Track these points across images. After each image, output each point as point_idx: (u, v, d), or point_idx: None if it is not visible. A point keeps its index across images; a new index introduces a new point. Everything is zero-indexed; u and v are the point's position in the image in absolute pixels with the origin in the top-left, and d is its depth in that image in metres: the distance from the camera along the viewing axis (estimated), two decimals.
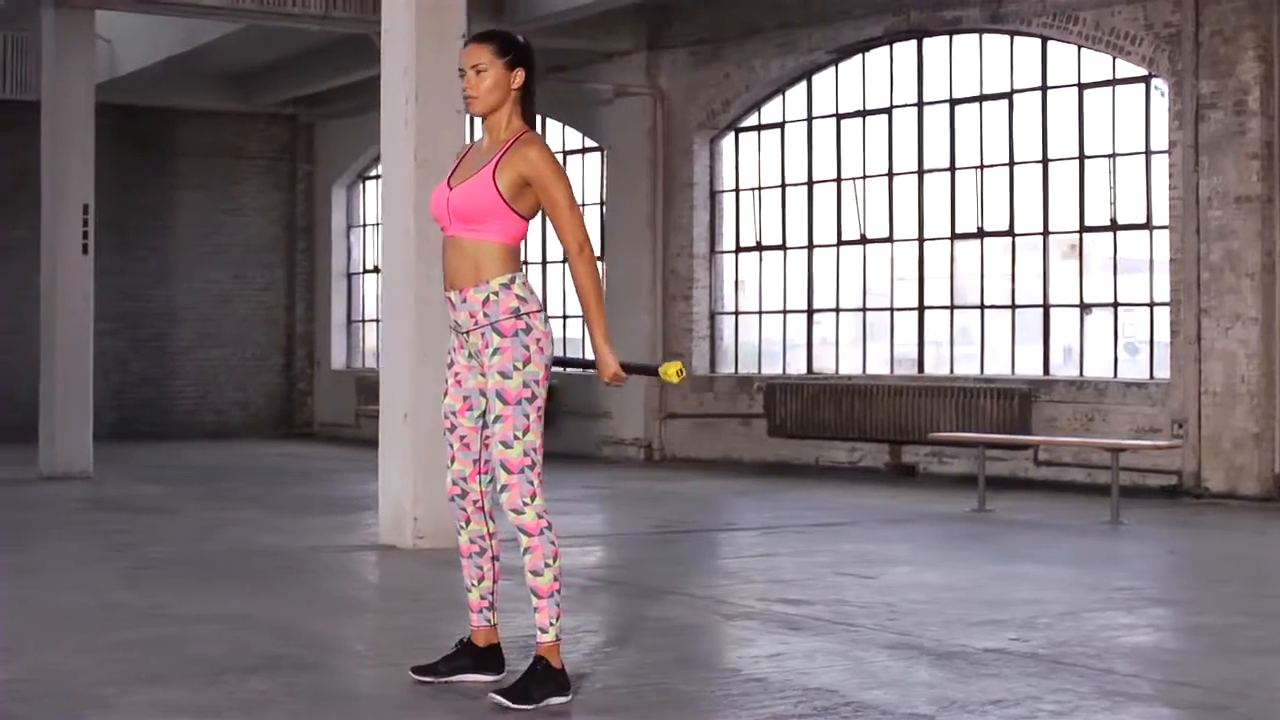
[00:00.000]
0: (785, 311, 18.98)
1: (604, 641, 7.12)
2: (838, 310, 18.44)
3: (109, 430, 21.61)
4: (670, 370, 6.03)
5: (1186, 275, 14.58)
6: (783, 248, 18.99)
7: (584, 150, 21.07)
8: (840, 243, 18.30)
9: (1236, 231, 14.15)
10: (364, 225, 25.51)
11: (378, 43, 17.85)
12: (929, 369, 17.38)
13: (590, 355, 6.02)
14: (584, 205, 21.07)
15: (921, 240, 17.40)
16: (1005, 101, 16.58)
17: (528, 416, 5.87)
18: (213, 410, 24.87)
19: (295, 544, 11.08)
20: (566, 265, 18.63)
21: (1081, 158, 15.85)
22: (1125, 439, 14.54)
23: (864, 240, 18.03)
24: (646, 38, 19.84)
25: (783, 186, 18.94)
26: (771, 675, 6.36)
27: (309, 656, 6.90)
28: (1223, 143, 14.22)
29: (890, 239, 17.71)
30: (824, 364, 18.62)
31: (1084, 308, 15.97)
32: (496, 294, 5.89)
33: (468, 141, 6.45)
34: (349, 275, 25.60)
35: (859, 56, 18.04)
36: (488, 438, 6.03)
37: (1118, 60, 15.43)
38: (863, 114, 18.02)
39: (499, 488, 5.91)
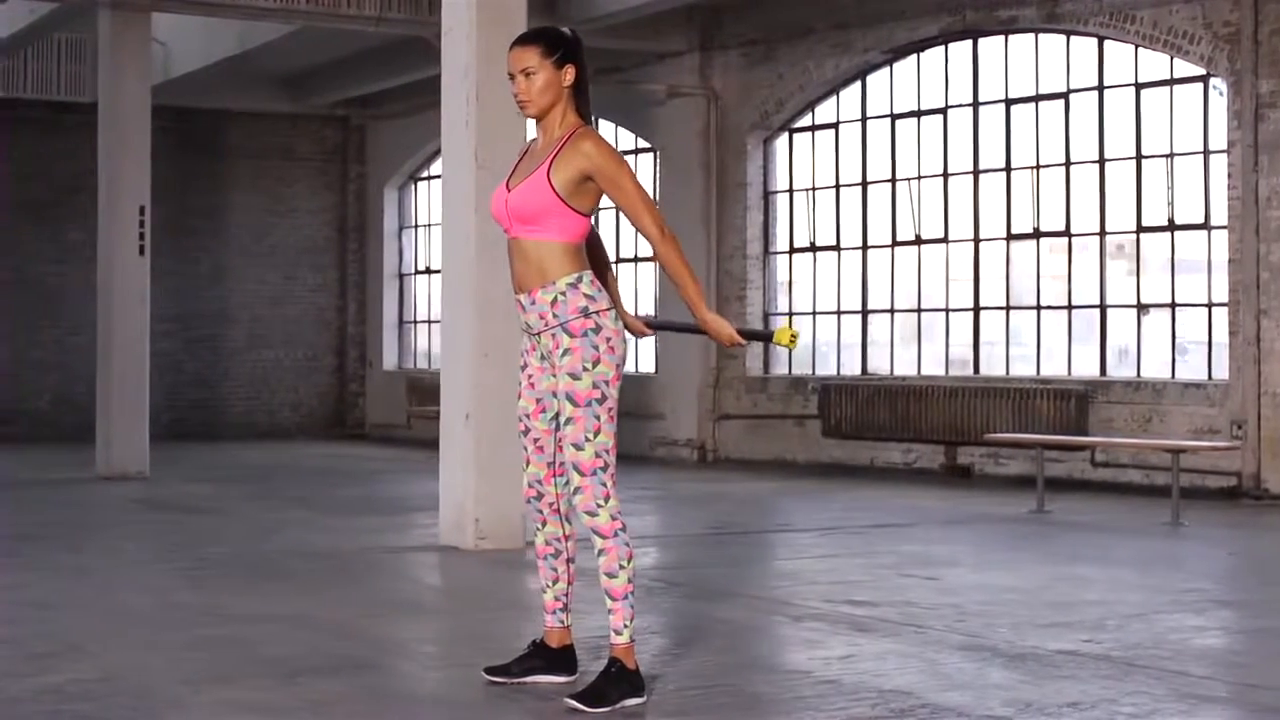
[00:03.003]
0: (839, 312, 18.92)
1: (671, 643, 7.10)
2: (892, 311, 18.39)
3: (163, 431, 21.71)
4: (784, 335, 6.03)
5: (1245, 276, 14.48)
6: (837, 248, 18.94)
7: (636, 151, 21.04)
8: (895, 243, 18.24)
9: None
10: (415, 226, 25.57)
11: (434, 44, 17.98)
12: (984, 370, 17.31)
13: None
14: None
15: (977, 241, 17.33)
16: (1061, 101, 16.49)
17: (598, 418, 5.85)
18: (265, 411, 24.95)
19: (353, 545, 11.09)
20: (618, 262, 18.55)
21: (1139, 158, 15.75)
22: (1183, 440, 14.45)
23: (919, 241, 17.96)
24: (699, 38, 19.81)
25: (837, 187, 18.89)
26: (844, 677, 6.33)
27: (377, 657, 6.91)
28: None
29: (945, 239, 17.65)
30: (878, 365, 18.56)
31: (1141, 308, 15.87)
32: (564, 294, 5.88)
33: (525, 142, 6.39)
34: (400, 276, 25.65)
35: (914, 57, 17.98)
36: (561, 440, 6.02)
37: (1175, 60, 15.34)
38: (918, 114, 17.96)
39: (572, 490, 5.90)
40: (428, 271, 25.23)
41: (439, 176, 24.46)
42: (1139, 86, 15.76)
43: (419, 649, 7.26)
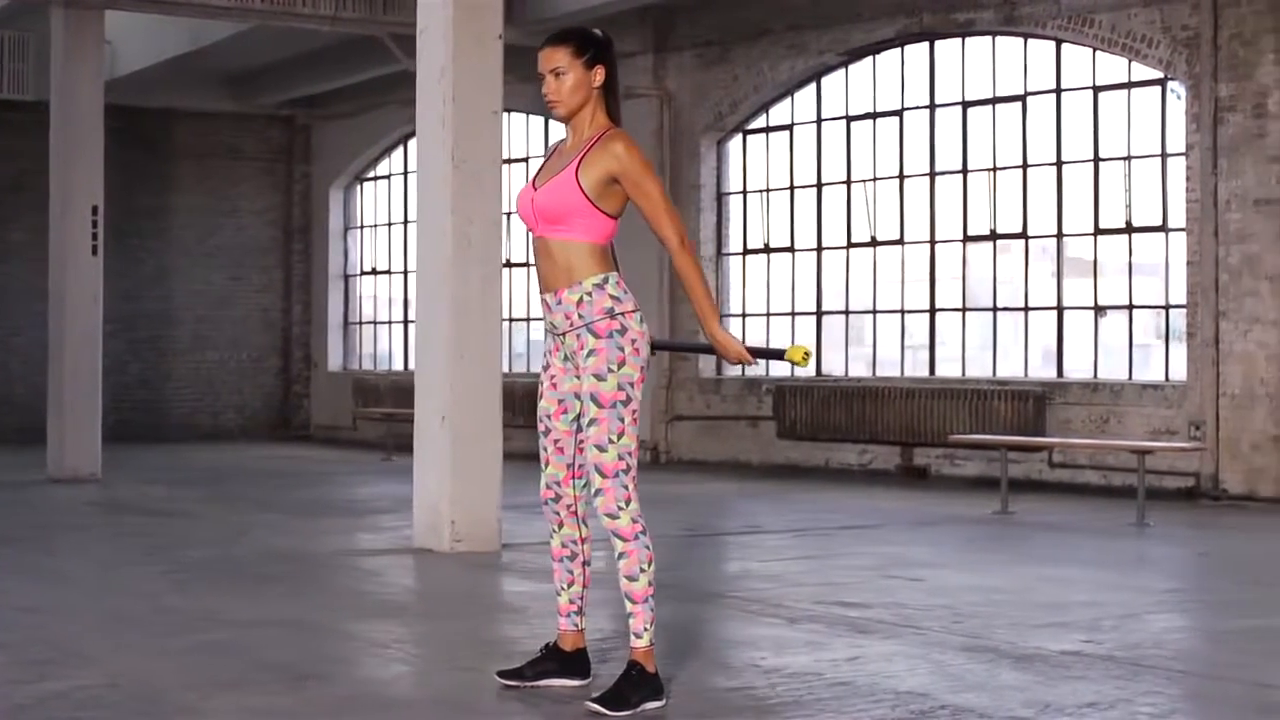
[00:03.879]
0: (794, 314, 18.95)
1: (674, 646, 7.06)
2: (847, 313, 18.44)
3: (107, 433, 21.23)
4: (796, 353, 5.98)
5: (1204, 278, 14.60)
6: (791, 250, 18.97)
7: None
8: (850, 245, 18.28)
9: (1256, 234, 14.17)
10: (360, 227, 25.44)
11: (387, 43, 17.95)
12: (940, 371, 17.37)
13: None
14: None
15: (933, 243, 17.39)
16: (1019, 104, 16.58)
17: (622, 420, 5.82)
18: (209, 413, 24.77)
19: (327, 547, 11.02)
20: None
21: (1096, 160, 15.86)
22: (1141, 441, 14.55)
23: (874, 243, 18.01)
24: (653, 39, 19.81)
25: (791, 189, 18.92)
26: (856, 679, 6.32)
27: (380, 662, 6.86)
28: (1242, 146, 14.25)
29: (901, 241, 17.70)
30: (833, 366, 18.60)
31: (1098, 310, 15.97)
32: (590, 294, 5.84)
33: (553, 143, 6.35)
34: (345, 277, 25.53)
35: (869, 59, 18.03)
36: (581, 441, 5.98)
37: (1133, 63, 15.44)
38: (873, 116, 18.01)
39: (593, 492, 5.87)
40: (373, 273, 25.13)
41: (385, 177, 24.51)
42: (1097, 89, 15.87)
43: (421, 653, 7.21)
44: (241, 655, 6.84)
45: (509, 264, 21.99)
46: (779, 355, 6.07)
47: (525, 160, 21.80)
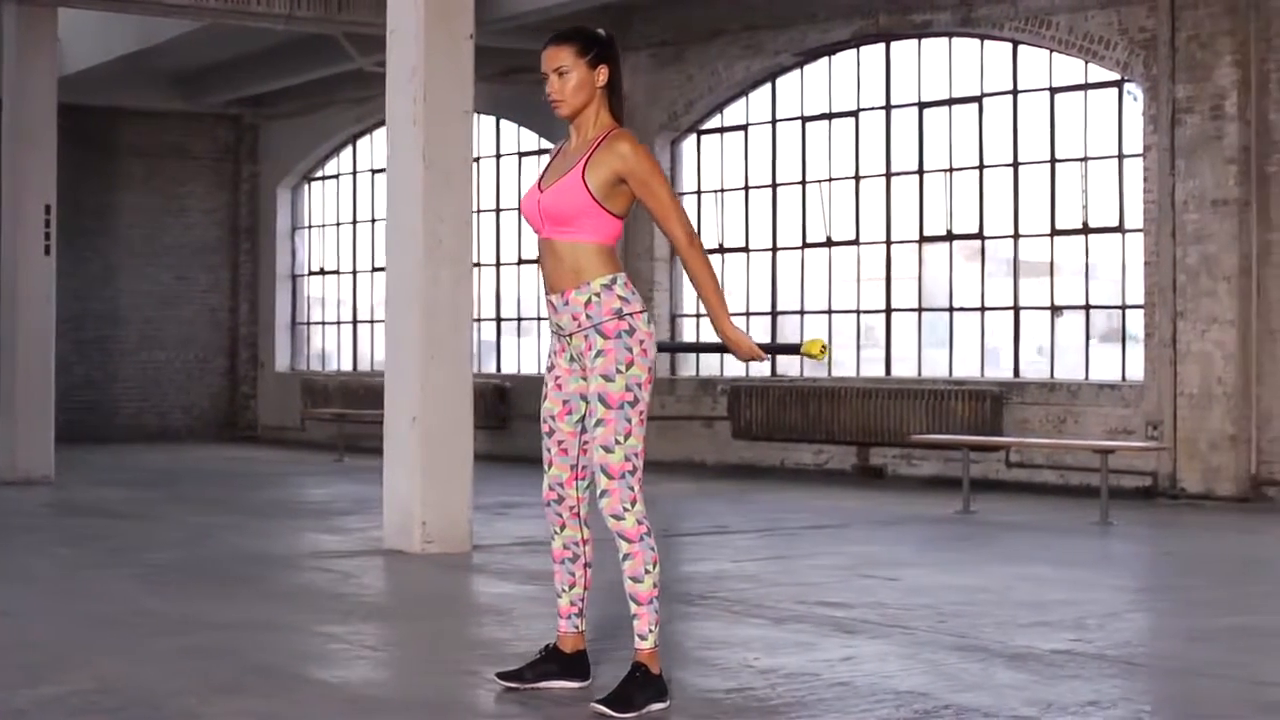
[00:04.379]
0: (748, 314, 18.97)
1: (665, 648, 7.02)
2: (802, 313, 18.47)
3: (55, 434, 21.25)
4: (814, 346, 5.90)
5: (1162, 278, 14.70)
6: (746, 250, 19.00)
7: (539, 152, 20.98)
8: (805, 245, 18.32)
9: (1213, 235, 14.28)
10: (309, 227, 25.30)
11: (341, 42, 17.87)
12: (896, 371, 17.43)
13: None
14: None
15: (889, 243, 17.45)
16: (975, 105, 16.65)
17: (629, 421, 5.80)
18: (156, 413, 24.58)
19: (295, 549, 10.95)
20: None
21: (1053, 161, 15.95)
22: (1099, 440, 14.65)
23: (830, 243, 18.06)
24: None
25: (746, 189, 18.94)
26: (854, 679, 6.33)
27: (374, 664, 6.82)
28: (1199, 147, 14.35)
29: (857, 242, 17.75)
30: (789, 367, 18.63)
31: (1055, 310, 16.07)
32: (599, 295, 5.83)
33: (559, 142, 6.33)
34: (293, 277, 25.39)
35: (825, 59, 18.06)
36: (586, 443, 5.97)
37: (1090, 65, 15.54)
38: (829, 117, 18.05)
39: (599, 493, 5.85)
40: (321, 273, 25.01)
41: (334, 177, 24.38)
42: (1053, 91, 15.96)
43: (413, 655, 7.16)
44: (229, 658, 6.78)
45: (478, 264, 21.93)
46: (795, 350, 6.02)
47: (477, 160, 21.71)
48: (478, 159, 21.53)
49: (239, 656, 6.83)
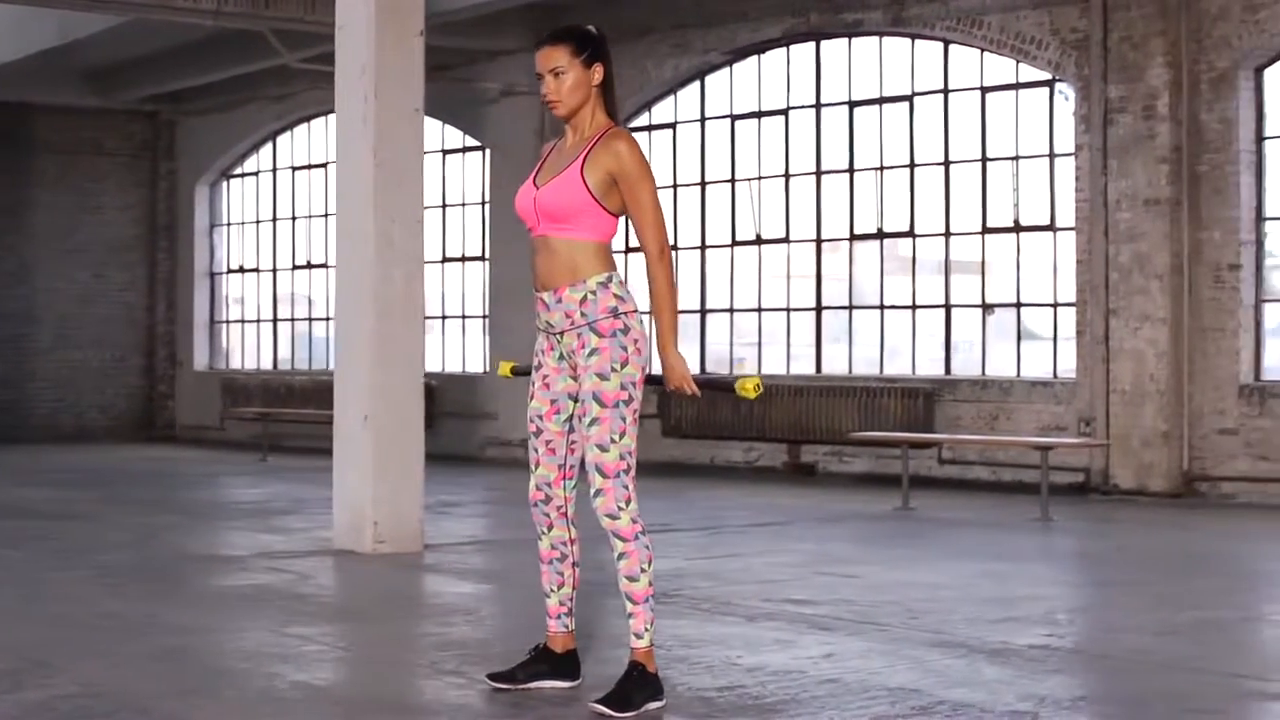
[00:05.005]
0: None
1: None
2: (731, 311, 18.51)
3: None
4: (748, 385, 5.82)
5: (1094, 276, 14.85)
6: (674, 248, 19.00)
7: (464, 150, 20.91)
8: (734, 243, 18.36)
9: (1146, 234, 14.43)
10: (227, 224, 25.07)
11: (269, 39, 17.71)
12: (827, 369, 17.50)
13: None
14: (465, 205, 20.94)
15: (819, 241, 17.52)
16: (906, 104, 16.74)
17: (624, 420, 5.79)
18: (72, 413, 24.28)
19: (243, 549, 10.81)
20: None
21: (984, 160, 16.07)
22: (1033, 437, 14.80)
23: (759, 241, 18.11)
24: (534, 37, 19.64)
25: (674, 187, 18.96)
26: (843, 676, 6.34)
27: (357, 667, 6.76)
28: (1132, 147, 14.51)
29: (786, 240, 17.81)
30: (719, 365, 18.66)
31: (986, 308, 16.19)
32: (594, 293, 5.81)
33: (551, 140, 6.31)
34: (212, 275, 25.16)
35: (754, 58, 18.11)
36: (573, 442, 5.95)
37: (1022, 65, 15.67)
38: (758, 115, 18.10)
39: (593, 492, 5.83)
40: (240, 270, 24.79)
41: (253, 174, 24.17)
42: (984, 90, 16.08)
43: (393, 656, 7.09)
44: (205, 661, 6.71)
45: None
46: (728, 387, 5.95)
47: None
48: None
49: (212, 660, 6.75)
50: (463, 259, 20.87)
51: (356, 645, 7.32)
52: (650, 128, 19.26)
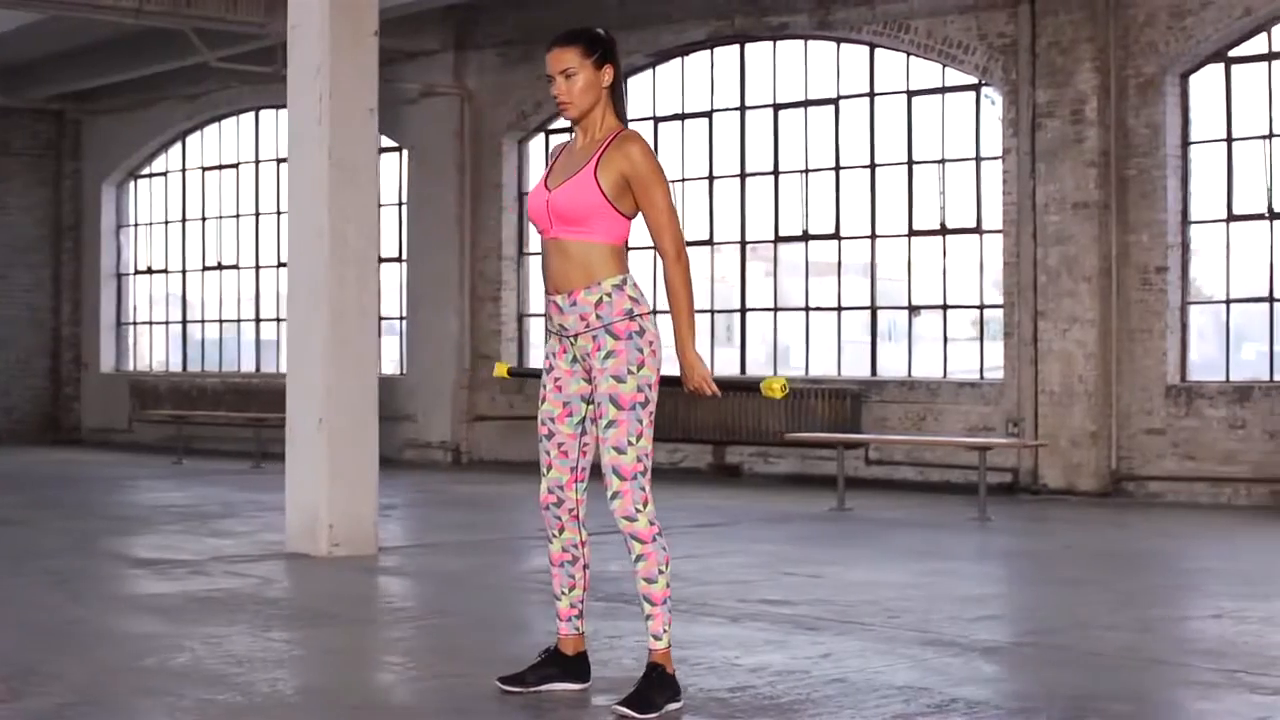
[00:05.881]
0: None
1: (641, 649, 7.04)
2: (655, 313, 18.43)
3: None
4: (774, 385, 5.89)
5: (1022, 278, 15.03)
6: None
7: (382, 150, 20.74)
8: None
9: (1074, 236, 14.63)
10: (135, 225, 24.76)
11: (190, 38, 17.53)
12: (751, 370, 17.58)
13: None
14: (381, 206, 20.78)
15: (744, 244, 17.60)
16: (831, 107, 16.85)
17: (640, 422, 5.80)
18: None
19: (194, 554, 10.66)
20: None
21: (910, 163, 16.21)
22: (968, 438, 14.95)
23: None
24: (454, 38, 19.67)
25: None
26: (847, 675, 6.38)
27: (360, 671, 6.71)
28: (1060, 150, 14.70)
29: (711, 242, 17.87)
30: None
31: (912, 310, 16.34)
32: (609, 295, 5.81)
33: (559, 142, 6.31)
34: (119, 276, 24.84)
35: (678, 60, 18.15)
36: (585, 445, 5.96)
37: (948, 69, 15.82)
38: (682, 117, 18.14)
39: (610, 494, 5.84)
40: (149, 271, 24.51)
41: (161, 174, 23.89)
42: (910, 94, 16.21)
43: (392, 660, 7.04)
44: (201, 668, 6.61)
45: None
46: (752, 388, 6.00)
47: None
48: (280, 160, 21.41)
49: (209, 665, 6.66)
50: (379, 261, 20.72)
51: (348, 649, 7.27)
52: (572, 129, 19.17)
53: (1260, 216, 14.33)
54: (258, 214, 22.60)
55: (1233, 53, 14.40)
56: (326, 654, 7.10)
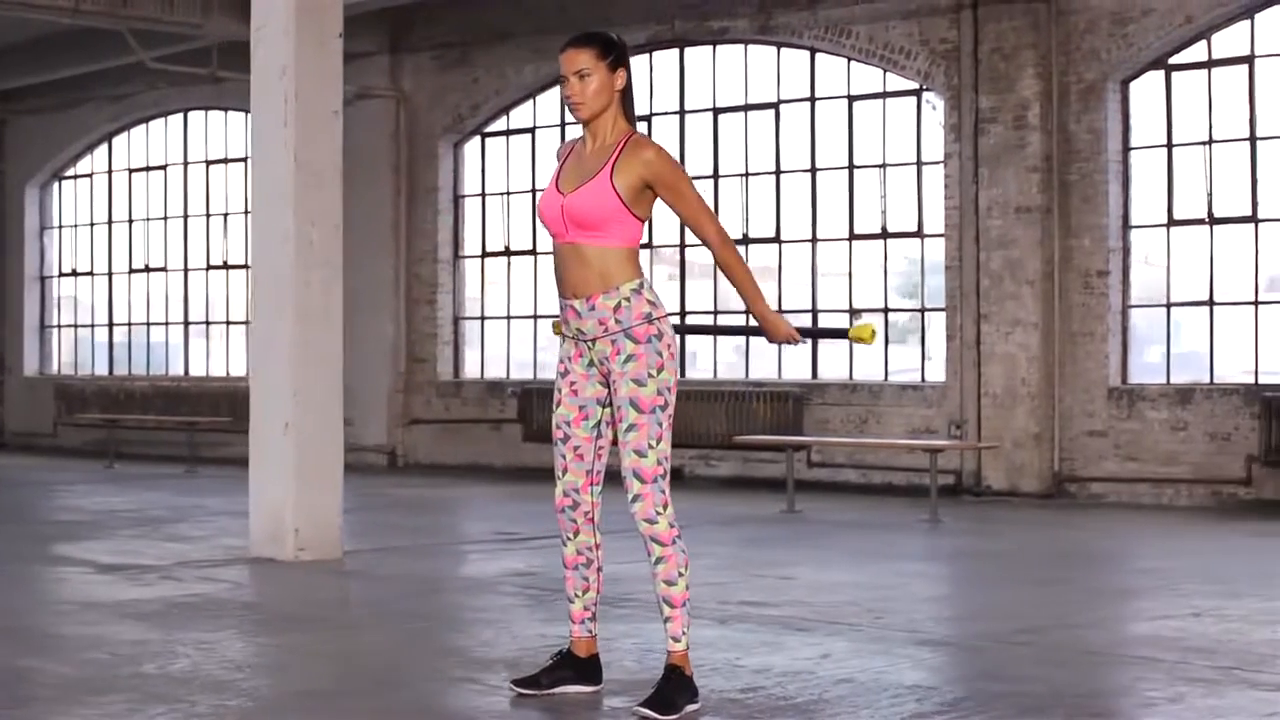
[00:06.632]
0: (535, 316, 19.00)
1: (636, 650, 7.08)
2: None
3: None
4: (864, 332, 5.96)
5: (965, 282, 15.18)
6: (534, 253, 19.03)
7: None
8: None
9: (1017, 240, 14.80)
10: (59, 227, 24.49)
11: (126, 38, 17.39)
12: (692, 374, 17.65)
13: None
14: None
15: (683, 246, 17.66)
16: (772, 111, 16.95)
17: (660, 425, 5.84)
18: None
19: (157, 559, 10.56)
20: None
21: (851, 168, 16.33)
22: (900, 440, 15.11)
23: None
24: (389, 40, 19.61)
25: (534, 191, 18.96)
26: (854, 676, 6.43)
27: (364, 675, 6.69)
28: (1003, 155, 14.87)
29: (650, 245, 17.92)
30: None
31: (853, 313, 16.46)
32: (628, 299, 5.84)
33: (566, 142, 6.33)
34: (42, 279, 24.56)
35: None
36: (601, 448, 6.00)
37: (890, 74, 15.95)
38: None
39: (630, 497, 5.87)
40: (73, 274, 24.25)
41: (87, 176, 23.65)
42: (851, 99, 16.33)
43: (394, 662, 7.02)
44: (201, 675, 6.55)
45: (226, 265, 21.69)
46: (840, 334, 6.12)
47: (245, 159, 21.40)
48: (225, 161, 21.34)
49: (214, 671, 6.63)
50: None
51: (347, 653, 7.22)
52: (509, 132, 19.25)
53: (1200, 221, 14.55)
54: (186, 216, 22.42)
55: (1173, 60, 14.63)
56: (326, 658, 7.07)
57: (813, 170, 16.65)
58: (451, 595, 9.17)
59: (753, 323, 6.12)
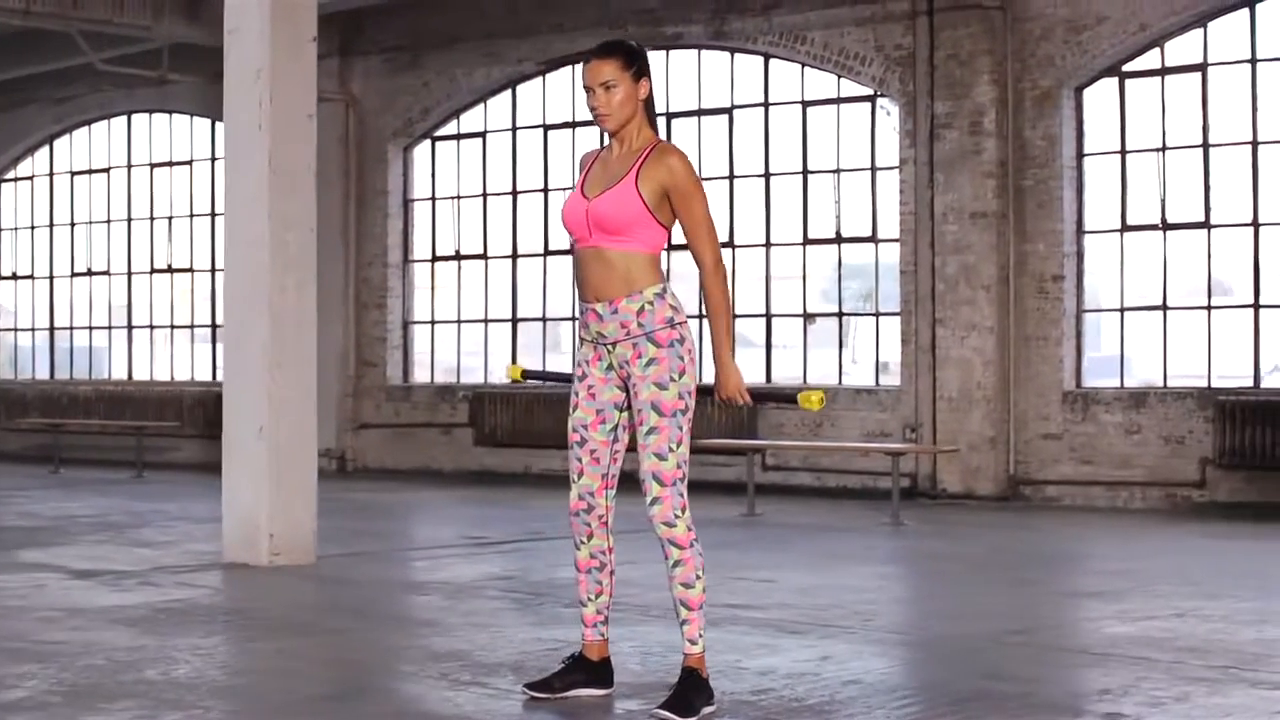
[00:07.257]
0: (486, 320, 19.00)
1: (636, 653, 7.12)
2: (544, 320, 18.59)
3: None
4: (813, 398, 5.97)
5: (920, 286, 15.30)
6: (484, 257, 19.03)
7: None
8: (547, 253, 18.45)
9: (972, 245, 14.93)
10: None
11: (76, 40, 17.28)
12: None
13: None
14: None
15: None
16: (725, 116, 17.02)
17: (681, 429, 5.89)
18: None
19: (131, 566, 10.49)
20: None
21: (805, 173, 16.42)
22: (854, 443, 15.22)
23: (574, 250, 18.16)
24: (339, 43, 19.55)
25: (484, 196, 18.97)
26: (859, 677, 6.49)
27: (369, 678, 6.70)
28: (958, 161, 15.00)
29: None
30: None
31: (807, 317, 16.56)
32: (651, 304, 5.88)
33: (590, 150, 6.37)
34: None
35: (569, 68, 18.21)
36: (617, 452, 6.04)
37: (845, 80, 16.06)
38: (572, 125, 18.21)
39: (649, 500, 5.92)
40: (13, 278, 24.02)
41: (27, 179, 23.46)
42: (805, 104, 16.43)
43: (394, 665, 7.03)
44: (205, 681, 6.54)
45: (170, 269, 21.58)
46: (789, 399, 6.13)
47: (190, 163, 21.33)
48: (169, 164, 21.22)
49: (211, 677, 6.62)
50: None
51: (346, 657, 7.22)
52: (459, 136, 19.24)
53: (1154, 227, 14.73)
54: (130, 219, 22.27)
55: (1127, 67, 14.81)
56: (327, 662, 7.07)
57: (766, 175, 16.73)
58: (435, 600, 9.15)
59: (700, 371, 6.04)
